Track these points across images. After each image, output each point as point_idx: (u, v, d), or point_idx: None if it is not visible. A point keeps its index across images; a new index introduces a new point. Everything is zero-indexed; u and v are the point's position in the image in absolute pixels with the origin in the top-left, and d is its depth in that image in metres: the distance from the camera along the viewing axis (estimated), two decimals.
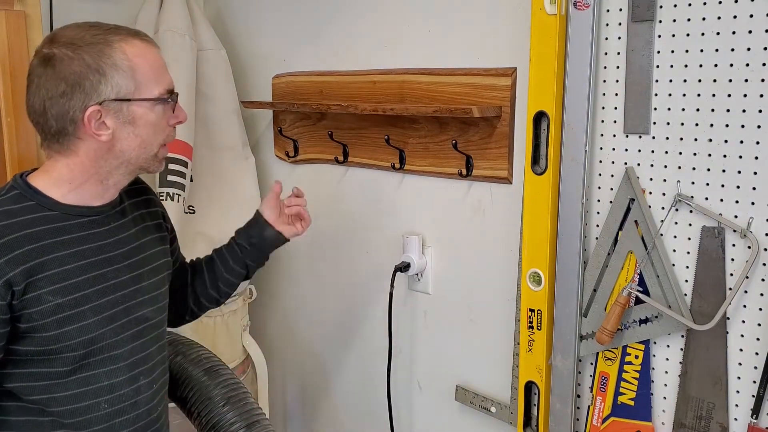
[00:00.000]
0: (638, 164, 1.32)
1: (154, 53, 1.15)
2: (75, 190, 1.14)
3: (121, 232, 1.21)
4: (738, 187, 1.20)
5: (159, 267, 1.29)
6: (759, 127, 1.17)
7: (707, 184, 1.23)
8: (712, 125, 1.22)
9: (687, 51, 1.23)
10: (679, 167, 1.26)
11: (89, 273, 1.13)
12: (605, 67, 1.33)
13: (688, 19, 1.22)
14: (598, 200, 1.38)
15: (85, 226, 1.15)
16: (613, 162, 1.35)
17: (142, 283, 1.23)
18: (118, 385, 1.18)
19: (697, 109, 1.23)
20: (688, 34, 1.22)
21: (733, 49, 1.18)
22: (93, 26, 1.11)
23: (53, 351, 1.10)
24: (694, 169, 1.25)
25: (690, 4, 1.21)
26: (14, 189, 1.13)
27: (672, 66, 1.25)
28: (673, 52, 1.24)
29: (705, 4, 1.20)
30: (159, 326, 1.28)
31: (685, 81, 1.24)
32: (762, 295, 1.20)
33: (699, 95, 1.22)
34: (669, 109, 1.26)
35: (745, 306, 1.22)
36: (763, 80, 1.15)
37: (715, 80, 1.20)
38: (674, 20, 1.23)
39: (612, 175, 1.36)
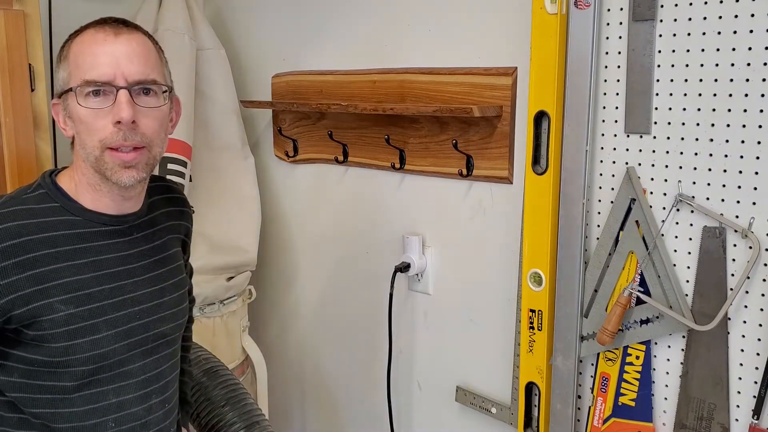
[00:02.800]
0: (639, 164, 1.31)
1: (101, 41, 1.04)
2: (89, 195, 1.09)
3: (145, 243, 1.16)
4: (739, 187, 1.20)
5: (181, 282, 1.23)
6: (760, 126, 1.16)
7: (708, 184, 1.23)
8: (713, 125, 1.21)
9: (688, 50, 1.22)
10: (680, 167, 1.26)
11: (106, 284, 1.08)
12: (606, 67, 1.33)
13: (689, 19, 1.21)
14: (599, 200, 1.38)
15: (107, 235, 1.10)
16: (614, 162, 1.35)
17: (164, 298, 1.17)
18: (128, 403, 1.12)
19: (699, 109, 1.22)
20: (689, 34, 1.22)
21: (734, 49, 1.17)
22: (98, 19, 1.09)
23: (61, 363, 1.05)
24: (695, 169, 1.24)
25: (691, 4, 1.21)
26: (41, 188, 1.09)
27: (673, 65, 1.25)
28: (674, 51, 1.24)
29: (706, 3, 1.19)
30: (174, 343, 1.22)
31: (686, 80, 1.23)
32: (763, 295, 1.20)
33: (700, 95, 1.22)
34: (670, 108, 1.26)
35: (746, 306, 1.22)
36: (764, 80, 1.15)
37: (716, 80, 1.20)
38: (675, 19, 1.23)
39: (613, 175, 1.35)
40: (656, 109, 1.28)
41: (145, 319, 1.13)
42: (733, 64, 1.18)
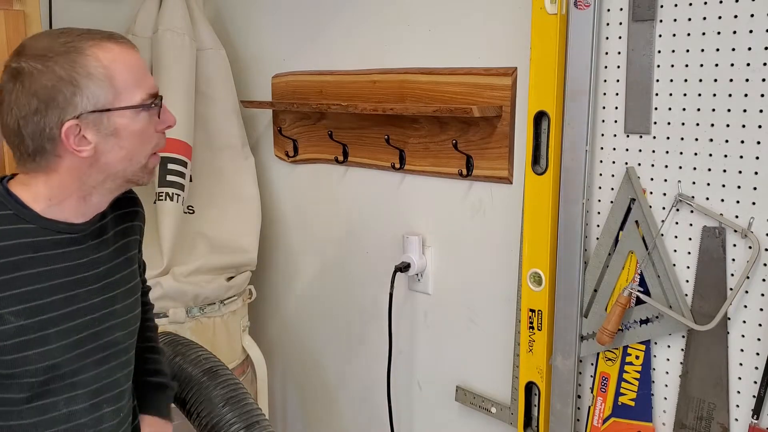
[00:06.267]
0: (639, 164, 1.31)
1: (132, 56, 1.06)
2: (55, 206, 1.06)
3: (99, 251, 1.13)
4: (739, 187, 1.20)
5: (133, 288, 1.20)
6: (760, 126, 1.16)
7: (708, 184, 1.23)
8: (713, 125, 1.21)
9: (688, 50, 1.22)
10: (680, 167, 1.26)
11: (58, 294, 1.05)
12: (606, 67, 1.33)
13: (689, 19, 1.21)
14: (599, 200, 1.38)
15: (62, 243, 1.07)
16: (613, 162, 1.35)
17: (115, 305, 1.14)
18: (77, 413, 1.09)
19: (698, 109, 1.23)
20: (689, 34, 1.22)
21: (734, 49, 1.17)
22: (63, 33, 1.02)
23: (11, 376, 1.02)
24: (694, 168, 1.24)
25: (691, 4, 1.21)
26: None
27: (673, 65, 1.25)
28: (673, 51, 1.24)
29: (706, 3, 1.19)
30: (127, 351, 1.18)
31: (685, 80, 1.23)
32: (763, 295, 1.20)
33: (700, 95, 1.22)
34: (670, 108, 1.26)
35: (746, 306, 1.22)
36: (764, 80, 1.15)
37: (716, 80, 1.20)
38: (675, 20, 1.23)
39: (613, 175, 1.35)
40: (656, 109, 1.28)
41: (97, 328, 1.11)
42: (732, 64, 1.18)
